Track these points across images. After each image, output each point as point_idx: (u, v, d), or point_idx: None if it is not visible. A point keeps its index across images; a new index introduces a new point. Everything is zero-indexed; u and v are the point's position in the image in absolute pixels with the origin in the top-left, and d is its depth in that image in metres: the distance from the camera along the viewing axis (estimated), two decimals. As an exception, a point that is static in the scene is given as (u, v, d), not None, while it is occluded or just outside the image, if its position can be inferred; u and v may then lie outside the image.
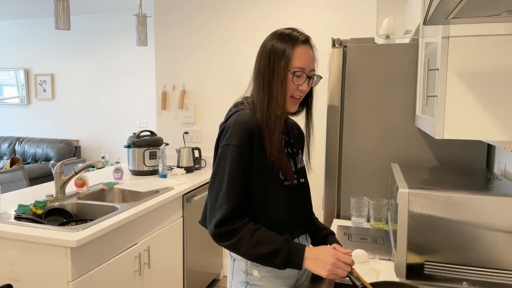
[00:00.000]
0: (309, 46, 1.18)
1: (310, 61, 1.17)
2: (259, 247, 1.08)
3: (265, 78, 1.16)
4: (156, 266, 2.22)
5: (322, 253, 1.09)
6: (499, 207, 1.10)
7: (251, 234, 1.09)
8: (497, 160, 1.62)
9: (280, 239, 1.10)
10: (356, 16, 2.81)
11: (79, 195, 2.28)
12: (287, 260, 1.08)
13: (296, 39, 1.16)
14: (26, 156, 5.28)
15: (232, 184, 1.11)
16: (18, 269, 1.68)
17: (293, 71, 1.15)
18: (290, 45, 1.15)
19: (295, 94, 1.18)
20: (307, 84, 1.18)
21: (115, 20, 5.11)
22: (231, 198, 1.10)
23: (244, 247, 1.09)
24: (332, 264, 1.06)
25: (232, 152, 1.12)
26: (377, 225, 1.78)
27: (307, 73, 1.17)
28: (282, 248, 1.08)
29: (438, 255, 1.16)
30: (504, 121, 0.99)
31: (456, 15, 0.80)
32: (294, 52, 1.15)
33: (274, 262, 1.09)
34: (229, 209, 1.09)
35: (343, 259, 1.08)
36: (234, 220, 1.10)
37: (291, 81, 1.15)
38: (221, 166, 1.13)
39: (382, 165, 1.85)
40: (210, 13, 3.17)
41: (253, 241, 1.08)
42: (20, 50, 5.60)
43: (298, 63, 1.15)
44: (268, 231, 1.12)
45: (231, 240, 1.09)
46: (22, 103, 5.64)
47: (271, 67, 1.16)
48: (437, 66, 1.06)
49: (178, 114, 3.35)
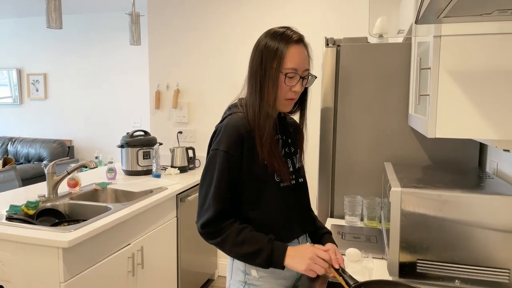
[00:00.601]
0: (303, 45, 1.17)
1: (304, 61, 1.16)
2: (243, 246, 1.11)
3: (257, 79, 1.16)
4: (149, 267, 2.21)
5: (302, 250, 1.11)
6: (491, 206, 1.10)
7: (236, 233, 1.12)
8: (489, 159, 1.63)
9: (263, 239, 1.12)
10: (350, 15, 2.82)
11: (72, 195, 2.27)
12: (269, 259, 1.10)
13: (289, 38, 1.14)
14: (19, 157, 5.24)
15: (218, 189, 1.13)
16: (10, 270, 1.66)
17: (285, 73, 1.13)
18: (282, 44, 1.13)
19: (289, 96, 1.17)
20: (300, 84, 1.16)
21: (108, 19, 5.08)
22: (217, 202, 1.13)
23: (229, 245, 1.12)
24: (310, 259, 1.08)
25: (220, 157, 1.13)
26: (370, 224, 1.78)
27: (300, 74, 1.15)
28: (264, 247, 1.10)
29: (430, 254, 1.16)
30: (495, 119, 1.00)
31: (448, 14, 0.81)
32: (287, 52, 1.13)
33: (256, 261, 1.11)
34: (214, 211, 1.12)
35: (321, 256, 1.09)
36: (219, 221, 1.13)
37: (283, 83, 1.14)
38: (210, 169, 1.16)
39: (376, 164, 1.85)
40: (204, 12, 3.16)
41: (238, 240, 1.11)
42: (13, 49, 5.55)
43: (291, 64, 1.13)
44: (253, 231, 1.13)
45: (217, 239, 1.13)
46: (15, 103, 5.59)
47: (263, 67, 1.14)
48: (429, 65, 1.06)
49: (172, 113, 3.34)
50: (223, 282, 3.14)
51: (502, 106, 0.99)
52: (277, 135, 1.23)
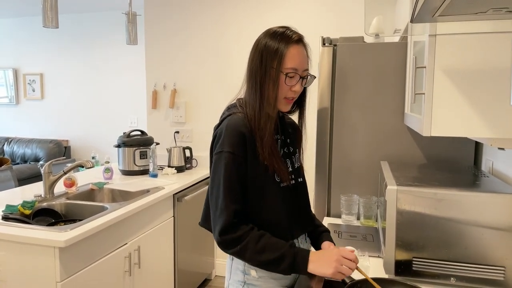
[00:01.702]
0: (302, 45, 1.17)
1: (303, 61, 1.16)
2: (264, 253, 1.09)
3: (257, 79, 1.15)
4: (146, 266, 2.21)
5: (326, 253, 1.10)
6: (486, 204, 1.11)
7: (255, 241, 1.09)
8: (484, 158, 1.64)
9: (285, 245, 1.11)
10: (346, 15, 2.82)
11: (68, 195, 2.26)
12: (292, 265, 1.09)
13: (289, 38, 1.14)
14: (15, 157, 5.21)
15: (228, 190, 1.11)
16: (6, 270, 1.66)
17: (285, 73, 1.13)
18: (283, 44, 1.13)
19: (288, 95, 1.17)
20: (300, 84, 1.17)
21: (104, 19, 5.07)
22: (229, 205, 1.10)
23: (249, 254, 1.09)
24: (336, 261, 1.07)
25: (226, 159, 1.12)
26: (367, 222, 1.79)
27: (300, 74, 1.15)
28: (287, 253, 1.09)
29: (426, 252, 1.17)
30: (490, 118, 1.00)
31: (443, 13, 0.81)
32: (287, 52, 1.13)
33: (279, 268, 1.09)
34: (229, 215, 1.10)
35: (347, 256, 1.08)
36: (237, 226, 1.10)
37: (284, 83, 1.14)
38: (217, 173, 1.14)
39: (372, 163, 1.86)
40: (200, 12, 3.16)
41: (258, 248, 1.09)
42: (9, 49, 5.53)
43: (291, 64, 1.13)
44: (272, 238, 1.12)
45: (236, 247, 1.10)
46: (11, 103, 5.57)
47: (263, 67, 1.14)
48: (424, 64, 1.07)
49: (169, 113, 3.33)
50: (220, 282, 3.14)
51: (497, 104, 1.00)
52: (276, 135, 1.23)
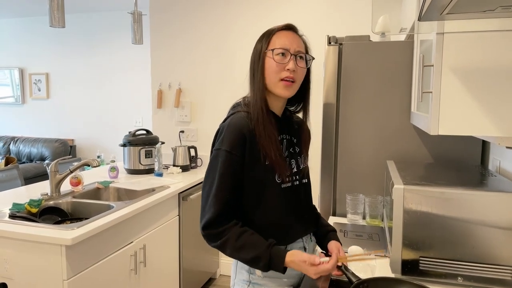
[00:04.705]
0: (292, 31, 1.19)
1: (293, 42, 1.16)
2: (242, 252, 1.10)
3: (252, 71, 1.19)
4: (152, 265, 2.22)
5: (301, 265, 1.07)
6: (493, 203, 1.10)
7: (236, 237, 1.10)
8: (491, 157, 1.63)
9: (262, 245, 1.10)
10: (352, 14, 2.81)
11: (74, 193, 2.27)
12: (267, 266, 1.09)
13: (276, 27, 1.19)
14: (21, 156, 5.25)
15: (220, 189, 1.12)
16: (13, 268, 1.67)
17: (272, 49, 1.15)
18: (270, 31, 1.18)
19: (283, 75, 1.15)
20: (293, 62, 1.15)
21: (110, 19, 5.09)
22: (218, 203, 1.12)
23: (229, 250, 1.11)
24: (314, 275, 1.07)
25: (223, 157, 1.13)
26: (372, 222, 1.78)
27: (292, 52, 1.15)
28: (263, 255, 1.09)
29: (433, 251, 1.16)
30: (498, 116, 1.00)
31: (451, 11, 0.81)
32: (274, 36, 1.17)
33: (258, 266, 1.11)
34: (215, 213, 1.11)
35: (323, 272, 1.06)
36: (221, 221, 1.12)
37: (273, 60, 1.14)
38: (212, 169, 1.15)
39: (378, 163, 1.85)
40: (206, 11, 3.17)
41: (237, 245, 1.10)
42: (15, 49, 5.56)
43: (279, 44, 1.15)
44: (254, 235, 1.12)
45: (217, 242, 1.12)
46: (17, 103, 5.61)
47: (256, 56, 1.18)
48: (432, 62, 1.06)
49: (174, 112, 3.34)
50: (225, 281, 3.15)
51: (505, 103, 0.99)
52: (281, 135, 1.23)
